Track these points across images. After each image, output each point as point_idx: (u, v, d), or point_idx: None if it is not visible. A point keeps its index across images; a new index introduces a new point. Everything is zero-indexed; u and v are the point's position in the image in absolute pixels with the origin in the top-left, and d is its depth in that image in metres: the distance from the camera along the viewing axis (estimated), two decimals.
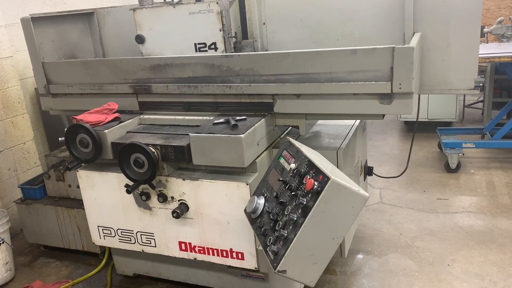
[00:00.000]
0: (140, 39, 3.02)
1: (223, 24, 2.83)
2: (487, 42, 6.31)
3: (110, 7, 3.58)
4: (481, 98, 6.86)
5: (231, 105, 2.71)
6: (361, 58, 2.29)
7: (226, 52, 2.89)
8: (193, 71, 2.69)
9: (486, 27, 6.02)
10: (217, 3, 2.79)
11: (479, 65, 2.70)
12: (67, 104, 3.19)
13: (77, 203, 3.64)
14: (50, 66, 3.13)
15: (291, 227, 1.96)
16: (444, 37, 2.65)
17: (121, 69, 2.88)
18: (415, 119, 6.23)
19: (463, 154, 5.03)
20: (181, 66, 2.71)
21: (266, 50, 3.21)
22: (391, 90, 2.27)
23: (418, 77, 2.56)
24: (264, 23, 3.16)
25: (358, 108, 2.41)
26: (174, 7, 2.90)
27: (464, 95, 6.79)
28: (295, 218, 1.94)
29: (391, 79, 2.26)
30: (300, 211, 1.94)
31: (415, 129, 3.42)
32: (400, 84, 2.25)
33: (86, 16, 3.58)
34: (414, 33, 2.65)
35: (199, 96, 2.74)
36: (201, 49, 2.94)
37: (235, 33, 3.16)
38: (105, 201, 2.85)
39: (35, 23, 3.09)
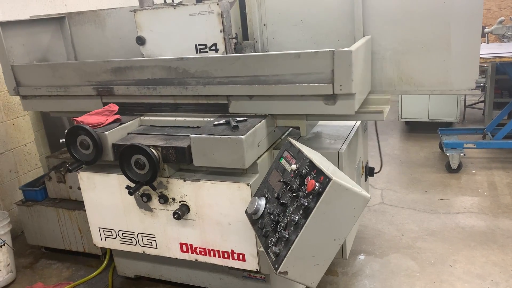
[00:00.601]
0: (140, 41, 3.02)
1: (223, 25, 2.83)
2: (488, 42, 6.31)
3: (110, 8, 3.58)
4: (482, 98, 6.85)
5: (189, 106, 2.81)
6: (305, 61, 2.39)
7: (226, 53, 2.89)
8: (152, 73, 2.79)
9: (486, 27, 6.02)
10: (217, 4, 2.79)
11: (480, 65, 2.70)
12: (37, 106, 3.32)
13: (78, 205, 3.64)
14: (19, 69, 3.24)
15: (292, 228, 1.95)
16: (444, 37, 2.65)
17: (85, 72, 2.98)
18: (416, 120, 6.24)
19: (464, 154, 5.03)
20: (140, 69, 2.81)
21: (266, 51, 3.21)
22: (333, 92, 2.37)
23: (364, 79, 2.64)
24: (264, 24, 3.16)
25: (306, 109, 2.52)
26: (174, 8, 2.90)
27: (465, 95, 6.78)
28: (297, 219, 1.94)
29: (333, 81, 2.35)
30: (301, 212, 1.94)
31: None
32: (340, 86, 2.34)
33: (57, 20, 3.68)
34: (364, 36, 2.78)
35: (159, 97, 2.85)
36: (202, 50, 2.94)
37: (236, 34, 3.16)
38: (106, 203, 2.84)
39: (5, 28, 3.21)
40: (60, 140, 2.75)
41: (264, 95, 2.55)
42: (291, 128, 3.03)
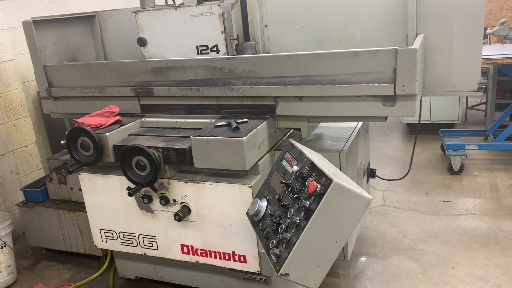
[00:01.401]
0: (142, 42, 3.02)
1: (224, 27, 2.82)
2: (490, 44, 6.30)
3: (112, 10, 3.58)
4: (484, 100, 6.84)
5: (233, 107, 2.70)
6: (364, 60, 2.28)
7: (228, 55, 2.88)
8: (195, 74, 2.69)
9: (488, 28, 6.01)
10: (218, 5, 2.78)
11: (482, 67, 2.69)
12: (69, 107, 3.19)
13: (79, 206, 3.63)
14: (52, 69, 3.13)
15: (293, 230, 1.94)
16: (447, 39, 2.64)
17: (123, 72, 2.88)
18: (417, 121, 6.23)
19: (466, 156, 5.01)
20: (182, 69, 2.71)
21: (267, 53, 3.20)
22: (394, 92, 2.26)
23: (421, 79, 2.55)
24: (265, 26, 3.16)
25: (361, 111, 2.40)
26: (176, 9, 2.90)
27: (467, 97, 6.77)
28: (298, 221, 1.93)
29: (394, 81, 2.24)
30: (302, 214, 1.93)
31: (417, 131, 3.40)
32: (403, 86, 2.24)
33: (87, 19, 3.59)
34: (417, 35, 2.64)
35: (201, 98, 2.74)
36: (203, 52, 2.93)
37: (237, 35, 3.16)
38: (107, 204, 2.84)
39: (37, 26, 3.09)
40: (61, 142, 2.74)
41: (316, 96, 2.43)
42: (292, 130, 3.02)
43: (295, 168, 2.16)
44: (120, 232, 2.89)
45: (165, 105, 2.87)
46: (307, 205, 1.91)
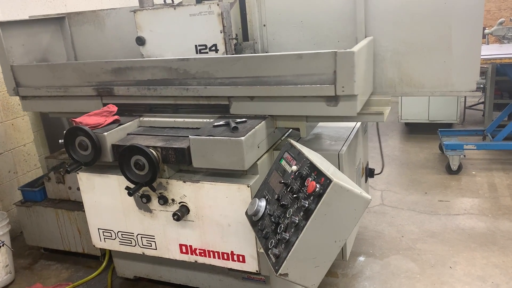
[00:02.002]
0: (140, 41, 3.01)
1: (223, 26, 2.82)
2: (488, 44, 6.31)
3: (110, 9, 3.57)
4: (482, 100, 6.85)
5: (190, 107, 2.80)
6: (307, 62, 2.37)
7: (227, 54, 2.88)
8: (152, 74, 2.77)
9: (487, 28, 6.01)
10: (217, 4, 2.78)
11: (480, 67, 2.69)
12: (37, 106, 3.31)
13: (78, 206, 3.63)
14: (19, 70, 3.22)
15: (292, 230, 1.94)
16: (445, 39, 2.64)
17: (85, 72, 2.96)
18: (416, 121, 6.23)
19: (465, 155, 5.02)
20: (140, 69, 2.79)
21: (266, 52, 3.20)
22: (335, 93, 2.35)
23: (366, 80, 2.63)
24: (264, 25, 3.15)
25: (307, 110, 2.50)
26: (174, 8, 2.89)
27: (465, 97, 6.78)
28: (297, 221, 1.93)
29: (335, 82, 2.33)
30: (302, 213, 1.93)
31: (378, 134, 3.39)
32: (343, 87, 2.33)
33: (57, 21, 3.66)
34: (366, 37, 2.76)
35: (159, 98, 2.83)
36: (202, 51, 2.93)
37: (236, 34, 3.15)
38: (106, 204, 2.83)
39: (4, 28, 3.19)
40: (60, 141, 2.74)
41: (266, 96, 2.54)
42: (291, 129, 3.02)
43: (294, 168, 2.16)
44: (118, 231, 2.88)
45: (126, 104, 2.94)
46: (306, 205, 1.91)
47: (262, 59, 2.50)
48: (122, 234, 2.88)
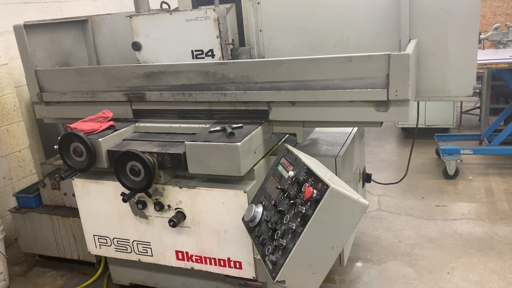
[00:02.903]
0: (136, 46, 3.00)
1: (220, 31, 2.81)
2: (484, 49, 6.33)
3: (105, 14, 3.56)
4: (478, 104, 6.86)
5: (226, 112, 2.70)
6: (357, 65, 2.29)
7: (223, 59, 2.87)
8: (188, 79, 2.67)
9: (482, 33, 6.03)
10: (214, 10, 2.78)
11: (476, 72, 2.69)
12: (61, 112, 3.16)
13: (73, 212, 3.60)
14: (43, 74, 3.10)
15: (290, 236, 1.93)
16: (442, 44, 2.64)
17: (115, 77, 2.86)
18: (412, 126, 6.24)
19: (461, 160, 5.02)
20: (175, 74, 2.70)
21: (262, 57, 3.20)
22: (387, 97, 2.26)
23: (414, 84, 2.56)
24: (260, 30, 3.15)
25: (354, 116, 2.40)
26: (171, 14, 2.89)
27: (461, 101, 6.79)
28: (294, 227, 1.91)
29: (387, 86, 2.25)
30: (299, 219, 1.92)
31: (414, 136, 3.39)
32: (396, 91, 2.24)
33: (80, 24, 3.57)
34: (410, 40, 2.64)
35: (194, 103, 2.73)
36: (198, 56, 2.92)
37: (232, 40, 3.15)
38: (101, 210, 2.81)
39: (28, 31, 3.06)
40: (55, 147, 2.72)
41: (308, 101, 2.43)
42: (287, 135, 3.01)
43: (291, 173, 2.15)
44: (114, 238, 2.86)
45: (158, 110, 2.85)
46: (304, 211, 1.90)
47: (307, 62, 2.39)
48: (117, 241, 2.85)
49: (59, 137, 2.65)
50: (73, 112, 3.09)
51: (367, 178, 3.64)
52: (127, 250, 2.85)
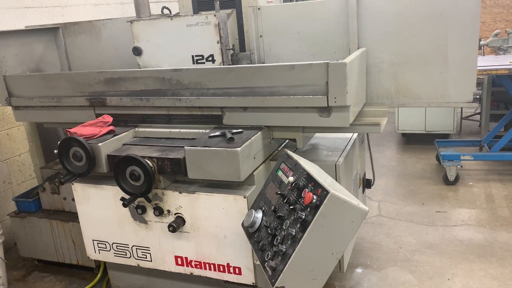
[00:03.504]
0: (137, 51, 3.01)
1: (220, 37, 2.82)
2: (484, 55, 6.34)
3: (106, 19, 3.57)
4: (478, 110, 6.86)
5: (183, 117, 2.80)
6: (300, 73, 2.39)
7: (223, 64, 2.88)
8: (145, 85, 2.76)
9: (482, 39, 6.05)
10: (214, 15, 2.78)
11: (476, 78, 2.69)
12: (29, 117, 3.30)
13: (72, 216, 3.59)
14: (11, 80, 3.21)
15: (289, 242, 1.92)
16: (442, 50, 2.64)
17: (78, 83, 2.96)
18: (413, 131, 6.24)
19: (462, 166, 5.01)
20: (133, 80, 2.79)
21: (263, 63, 3.20)
22: (327, 104, 2.36)
23: (358, 91, 2.64)
24: (261, 36, 3.16)
25: (301, 121, 2.52)
26: (171, 19, 2.89)
27: (462, 107, 6.79)
28: (294, 233, 1.91)
29: (327, 93, 2.35)
30: (298, 225, 1.91)
31: (368, 145, 3.38)
32: (335, 98, 2.34)
33: (51, 31, 3.67)
34: (359, 48, 2.74)
35: (152, 108, 2.82)
36: (199, 61, 2.93)
37: (233, 45, 3.15)
38: (100, 215, 2.80)
39: None
40: (55, 151, 2.71)
41: (259, 107, 2.54)
42: (287, 140, 3.00)
43: (291, 178, 2.14)
44: (113, 243, 2.85)
45: (119, 115, 2.93)
46: (303, 217, 1.89)
47: (255, 70, 2.51)
48: (117, 246, 2.84)
49: (59, 142, 2.65)
50: (40, 116, 3.23)
51: (367, 183, 3.63)
52: (126, 255, 2.84)
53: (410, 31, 2.69)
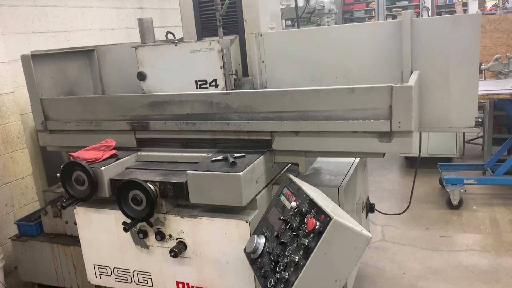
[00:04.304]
0: (141, 76, 3.04)
1: (223, 62, 2.85)
2: (485, 79, 6.38)
3: (111, 44, 3.63)
4: (481, 134, 6.87)
5: (229, 142, 2.70)
6: (360, 96, 2.30)
7: (226, 89, 2.90)
8: (191, 108, 2.69)
9: (483, 64, 6.10)
10: (218, 42, 2.83)
11: (478, 102, 2.71)
12: (65, 141, 3.18)
13: (74, 240, 3.57)
14: (48, 103, 3.13)
15: (292, 269, 1.90)
16: (443, 76, 2.66)
17: (119, 106, 2.88)
18: (415, 155, 6.23)
19: (465, 190, 4.98)
20: (179, 103, 2.72)
21: (265, 87, 3.23)
22: (391, 129, 2.27)
23: (417, 115, 2.57)
24: (263, 61, 3.20)
25: (358, 146, 2.40)
26: (176, 45, 2.94)
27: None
28: (297, 260, 1.89)
29: (390, 117, 2.25)
30: (301, 252, 1.89)
31: (417, 166, 3.39)
32: (399, 122, 2.24)
33: (86, 53, 3.63)
34: (412, 72, 2.67)
35: (197, 132, 2.74)
36: (202, 86, 2.96)
37: (236, 70, 3.19)
38: (102, 239, 2.79)
39: (35, 60, 3.11)
40: (58, 174, 2.72)
41: (312, 132, 2.44)
42: (290, 164, 3.00)
43: (294, 204, 2.13)
44: (114, 268, 2.82)
45: (161, 139, 2.86)
46: (306, 243, 1.88)
47: (311, 93, 2.41)
48: (118, 271, 2.82)
49: (61, 166, 2.65)
50: (77, 140, 3.09)
51: (370, 208, 3.61)
52: (127, 280, 2.81)
53: (411, 57, 2.71)
